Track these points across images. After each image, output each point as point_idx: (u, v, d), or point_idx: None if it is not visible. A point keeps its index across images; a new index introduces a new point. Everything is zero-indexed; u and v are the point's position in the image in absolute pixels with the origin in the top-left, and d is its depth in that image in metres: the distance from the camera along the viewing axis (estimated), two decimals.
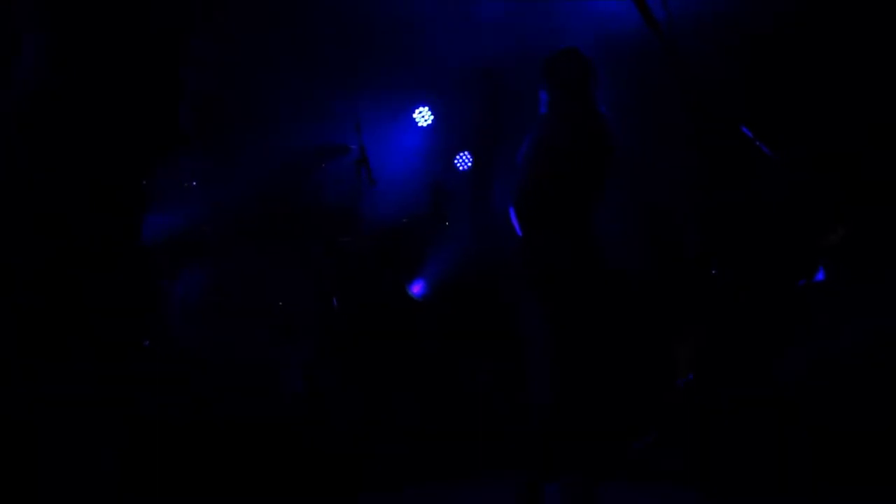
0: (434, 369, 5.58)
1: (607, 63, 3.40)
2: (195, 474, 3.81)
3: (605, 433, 3.30)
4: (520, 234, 3.40)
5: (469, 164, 6.95)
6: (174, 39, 5.34)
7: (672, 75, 2.17)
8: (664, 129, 4.73)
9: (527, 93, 3.61)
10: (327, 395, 5.01)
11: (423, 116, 6.83)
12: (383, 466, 4.39)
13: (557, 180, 3.24)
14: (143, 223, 5.09)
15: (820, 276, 4.25)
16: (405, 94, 6.67)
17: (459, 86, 6.65)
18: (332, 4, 5.91)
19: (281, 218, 5.86)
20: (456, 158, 6.96)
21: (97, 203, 4.84)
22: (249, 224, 5.71)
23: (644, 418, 4.36)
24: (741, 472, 3.80)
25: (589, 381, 3.16)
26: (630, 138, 3.51)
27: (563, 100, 3.35)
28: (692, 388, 4.40)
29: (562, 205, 3.24)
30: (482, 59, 6.27)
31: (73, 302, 4.60)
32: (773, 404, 3.90)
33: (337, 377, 5.13)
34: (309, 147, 6.02)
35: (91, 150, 4.90)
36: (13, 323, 4.43)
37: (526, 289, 3.36)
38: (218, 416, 4.24)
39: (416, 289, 6.31)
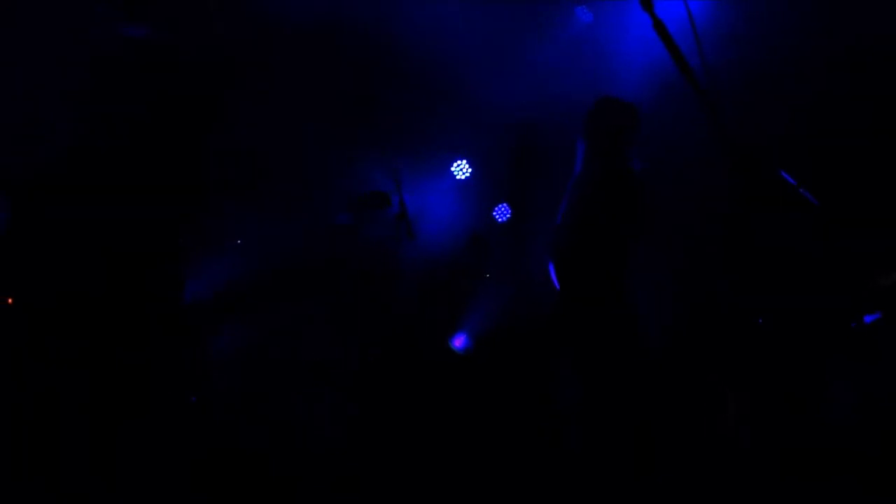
0: (473, 425, 5.49)
1: (648, 113, 3.41)
2: None
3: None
4: (558, 288, 3.41)
5: (508, 215, 6.96)
6: (213, 99, 5.50)
7: (710, 124, 2.15)
8: (704, 180, 4.68)
9: (566, 144, 3.62)
10: (364, 450, 4.98)
11: (461, 169, 6.87)
12: None
13: (592, 241, 3.26)
14: (187, 282, 5.19)
15: (869, 318, 4.12)
16: (443, 148, 6.74)
17: (497, 138, 6.70)
18: (371, 61, 6.03)
19: (321, 273, 5.90)
20: (495, 211, 6.98)
21: (141, 264, 4.96)
22: (289, 279, 5.77)
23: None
24: None
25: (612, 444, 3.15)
26: (668, 190, 3.50)
27: (598, 156, 3.36)
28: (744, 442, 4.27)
29: (597, 265, 3.26)
30: (520, 112, 6.31)
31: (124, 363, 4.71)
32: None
33: (374, 432, 5.09)
34: (349, 202, 6.08)
35: (133, 210, 5.04)
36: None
37: (562, 345, 3.39)
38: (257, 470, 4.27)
39: (458, 342, 6.26)
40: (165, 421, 4.73)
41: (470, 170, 6.88)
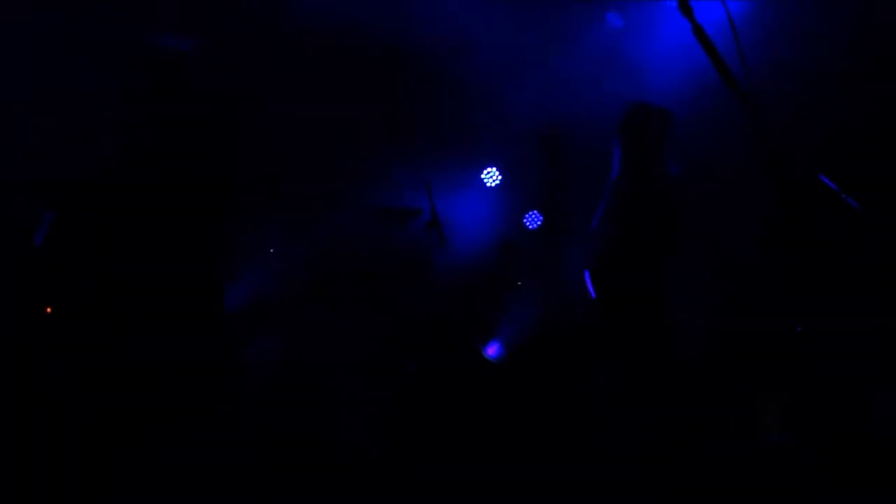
0: (506, 433, 5.46)
1: (682, 117, 3.37)
2: None
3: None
4: (594, 297, 3.38)
5: (539, 222, 6.92)
6: (247, 108, 5.55)
7: (751, 128, 2.11)
8: (743, 183, 4.61)
9: (597, 149, 3.59)
10: (398, 456, 4.97)
11: (491, 177, 6.86)
12: None
13: (630, 247, 3.22)
14: (226, 289, 5.25)
15: None
16: (473, 155, 6.72)
17: (527, 145, 6.67)
18: (402, 70, 6.04)
19: (353, 281, 5.92)
20: (525, 217, 6.95)
21: (180, 270, 5.02)
22: (322, 288, 5.79)
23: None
24: None
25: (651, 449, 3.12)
26: (704, 195, 3.46)
27: (634, 162, 3.34)
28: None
29: (635, 271, 3.22)
30: (549, 118, 6.28)
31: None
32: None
33: (408, 438, 5.08)
34: (380, 210, 6.10)
35: (172, 217, 5.10)
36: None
37: (597, 352, 3.36)
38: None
39: (491, 351, 6.24)
40: (203, 424, 4.77)
41: (500, 177, 6.86)
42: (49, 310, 4.74)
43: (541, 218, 6.93)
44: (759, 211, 4.53)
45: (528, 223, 6.95)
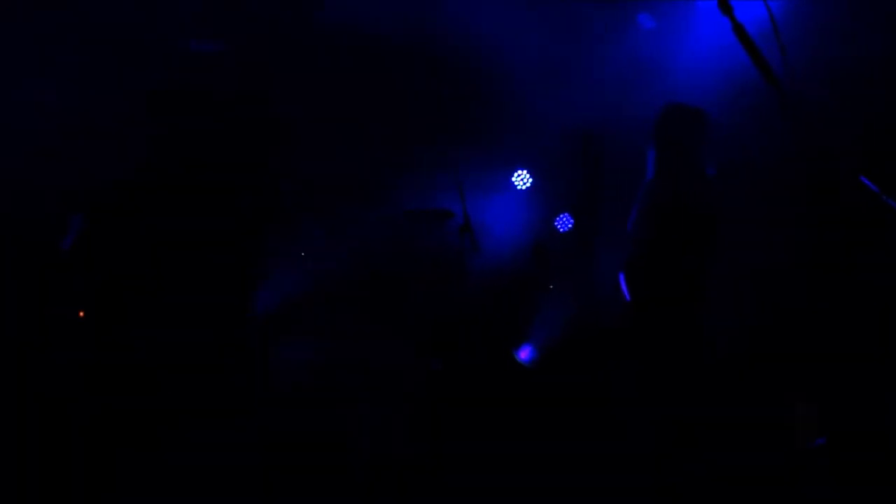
0: (539, 436, 5.43)
1: (719, 120, 3.33)
2: None
3: None
4: (628, 300, 3.35)
5: (570, 225, 6.89)
6: (277, 113, 5.58)
7: (791, 129, 2.07)
8: (781, 186, 4.54)
9: (628, 151, 3.55)
10: (428, 459, 4.97)
11: (521, 179, 6.84)
12: None
13: (666, 250, 3.19)
14: (257, 292, 5.29)
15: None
16: (503, 158, 6.70)
17: (557, 147, 6.64)
18: (431, 73, 6.05)
19: (385, 284, 5.93)
20: (556, 220, 6.92)
21: (213, 277, 5.07)
22: (353, 291, 5.81)
23: None
24: None
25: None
26: (742, 197, 3.42)
27: (670, 164, 3.31)
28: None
29: (672, 274, 3.19)
30: (580, 120, 6.24)
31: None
32: None
33: (438, 442, 5.08)
34: (412, 214, 6.11)
35: (203, 224, 5.15)
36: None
37: (631, 356, 3.34)
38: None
39: (524, 354, 6.22)
40: (233, 427, 4.81)
41: (531, 179, 6.84)
42: (82, 314, 4.80)
43: (572, 221, 6.89)
44: (799, 213, 4.46)
45: (558, 226, 6.93)
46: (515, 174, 6.82)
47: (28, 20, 4.54)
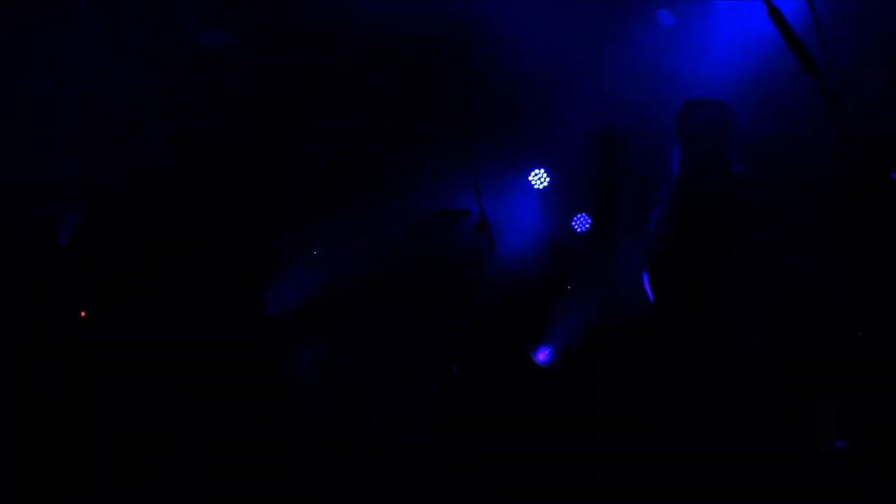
0: (557, 439, 5.37)
1: (744, 115, 3.26)
2: None
3: None
4: (652, 300, 3.29)
5: (587, 225, 6.84)
6: (293, 110, 5.54)
7: (829, 122, 2.01)
8: (810, 182, 4.47)
9: (647, 151, 3.49)
10: (444, 461, 4.93)
11: (539, 179, 6.79)
12: None
13: (692, 249, 3.12)
14: (270, 291, 5.25)
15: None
16: (521, 157, 6.66)
17: (575, 146, 6.58)
18: (448, 71, 6.01)
19: (401, 284, 5.90)
20: (574, 220, 6.87)
21: (224, 275, 5.04)
22: (370, 290, 5.78)
23: None
24: None
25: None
26: (771, 194, 3.35)
27: (695, 161, 3.24)
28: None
29: (698, 273, 3.12)
30: (599, 119, 6.19)
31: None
32: None
33: (455, 444, 5.04)
34: (429, 213, 6.09)
35: (216, 221, 5.12)
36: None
37: (652, 356, 3.29)
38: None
39: (542, 356, 6.16)
40: (246, 427, 4.79)
41: (548, 179, 6.79)
42: (84, 314, 4.78)
43: (589, 221, 6.84)
44: (830, 208, 4.38)
45: (576, 226, 6.87)
46: (533, 173, 6.77)
47: (28, 18, 4.52)
